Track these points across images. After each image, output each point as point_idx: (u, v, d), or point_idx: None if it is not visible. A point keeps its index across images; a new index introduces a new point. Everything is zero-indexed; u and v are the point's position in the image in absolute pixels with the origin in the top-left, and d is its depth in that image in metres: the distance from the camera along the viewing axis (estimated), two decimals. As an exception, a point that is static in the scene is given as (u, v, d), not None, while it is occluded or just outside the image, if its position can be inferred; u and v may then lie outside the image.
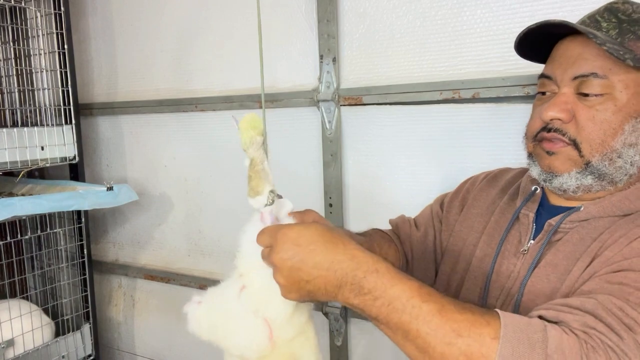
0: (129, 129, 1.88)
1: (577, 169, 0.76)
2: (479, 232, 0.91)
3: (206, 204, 1.76)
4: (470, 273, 0.88)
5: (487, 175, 1.01)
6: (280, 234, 0.65)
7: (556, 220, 0.79)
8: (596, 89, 0.73)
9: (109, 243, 2.03)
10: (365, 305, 0.62)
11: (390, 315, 0.60)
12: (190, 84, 1.71)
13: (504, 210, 0.89)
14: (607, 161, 0.75)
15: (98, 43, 1.89)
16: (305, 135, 1.50)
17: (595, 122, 0.74)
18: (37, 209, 1.40)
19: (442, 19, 1.26)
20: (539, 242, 0.80)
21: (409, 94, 1.32)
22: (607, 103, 0.73)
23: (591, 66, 0.74)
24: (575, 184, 0.77)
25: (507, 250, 0.84)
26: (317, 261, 0.63)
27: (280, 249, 0.64)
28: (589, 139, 0.75)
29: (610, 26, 0.76)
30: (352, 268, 0.62)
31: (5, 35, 1.82)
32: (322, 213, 1.49)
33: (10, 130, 1.50)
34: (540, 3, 1.14)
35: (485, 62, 1.22)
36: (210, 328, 0.71)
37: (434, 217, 1.02)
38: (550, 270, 0.75)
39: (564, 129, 0.76)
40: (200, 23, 1.65)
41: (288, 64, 1.50)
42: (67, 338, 1.70)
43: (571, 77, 0.76)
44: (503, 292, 0.81)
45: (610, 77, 0.73)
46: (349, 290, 0.62)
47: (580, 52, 0.75)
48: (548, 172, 0.79)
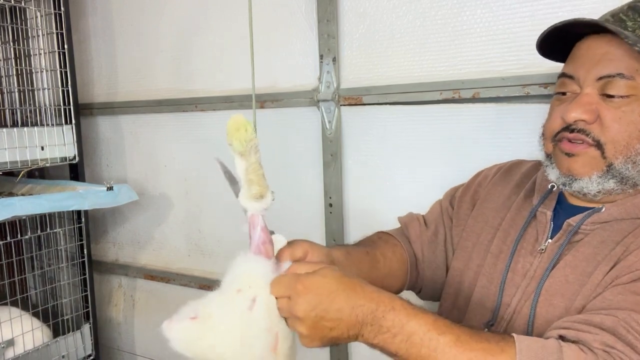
0: (129, 129, 1.88)
1: (599, 172, 0.74)
2: (494, 228, 0.89)
3: (206, 204, 1.76)
4: (485, 269, 0.86)
5: (500, 169, 0.98)
6: (300, 284, 0.66)
7: (576, 221, 0.77)
8: (622, 90, 0.72)
9: (109, 243, 2.03)
10: (385, 343, 0.65)
11: (409, 350, 0.63)
12: (190, 84, 1.71)
13: (520, 207, 0.88)
14: (630, 164, 0.73)
15: (98, 43, 1.89)
16: (305, 135, 1.50)
17: (622, 123, 0.72)
18: (37, 209, 1.40)
19: (442, 19, 1.26)
20: (558, 242, 0.78)
21: (409, 94, 1.32)
22: (633, 104, 0.72)
23: (617, 66, 0.72)
24: (597, 189, 0.75)
25: (523, 248, 0.82)
26: (339, 308, 0.64)
27: (303, 301, 0.65)
28: (614, 140, 0.73)
29: (637, 25, 0.73)
30: (372, 310, 0.65)
31: (5, 35, 1.82)
32: (322, 213, 1.49)
33: (10, 130, 1.49)
34: (540, 3, 1.14)
35: (485, 62, 1.22)
36: (205, 345, 0.69)
37: (443, 213, 1.01)
38: (569, 271, 0.74)
39: (587, 129, 0.74)
40: (200, 23, 1.65)
41: (288, 63, 1.50)
42: (67, 338, 1.70)
43: (595, 78, 0.74)
44: (519, 290, 0.80)
45: (637, 78, 0.71)
46: (370, 331, 0.65)
47: (606, 51, 0.73)
48: (567, 175, 0.77)
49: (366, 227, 1.04)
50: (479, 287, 0.86)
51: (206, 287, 1.75)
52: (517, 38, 1.17)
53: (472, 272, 0.89)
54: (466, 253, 0.92)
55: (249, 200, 0.70)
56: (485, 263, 0.87)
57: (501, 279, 0.82)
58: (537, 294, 0.76)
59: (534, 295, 0.76)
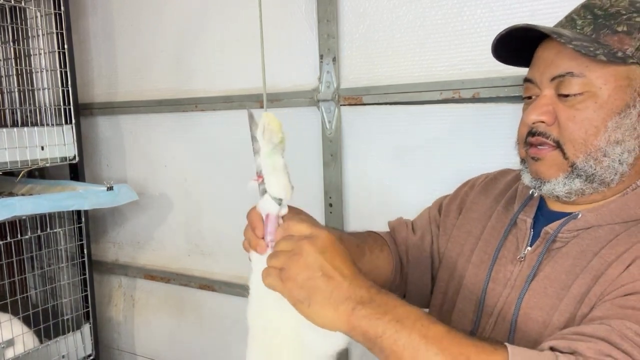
0: (128, 129, 1.88)
1: (564, 173, 0.75)
2: (476, 238, 0.89)
3: (206, 204, 1.76)
4: (467, 280, 0.86)
5: (486, 178, 0.99)
6: (323, 231, 0.65)
7: (553, 228, 0.77)
8: (575, 88, 0.72)
9: (109, 243, 2.03)
10: (371, 319, 0.60)
11: (399, 332, 0.59)
12: (190, 84, 1.71)
13: (500, 215, 0.88)
14: (592, 161, 0.73)
15: (98, 43, 1.89)
16: (305, 135, 1.50)
17: (576, 121, 0.72)
18: (37, 209, 1.40)
19: (442, 19, 1.26)
20: (536, 251, 0.78)
21: (409, 94, 1.32)
22: (588, 101, 0.72)
23: (567, 65, 0.72)
24: (565, 189, 0.75)
25: (503, 257, 0.82)
26: (341, 268, 0.63)
27: (320, 240, 0.63)
28: (571, 139, 0.73)
29: (585, 23, 0.74)
30: (368, 285, 0.63)
31: (5, 35, 1.82)
32: (322, 213, 1.49)
33: (10, 130, 1.50)
34: (540, 3, 1.14)
35: (485, 62, 1.22)
36: None
37: (431, 221, 1.01)
38: (547, 283, 0.74)
39: (547, 131, 0.75)
40: (200, 23, 1.65)
41: (288, 63, 1.50)
42: (67, 338, 1.70)
43: (549, 79, 0.75)
44: (500, 300, 0.79)
45: (587, 75, 0.71)
46: (358, 302, 0.61)
47: (557, 52, 0.74)
48: (536, 178, 0.78)
49: (366, 227, 1.04)
50: (461, 297, 0.86)
51: (206, 287, 1.75)
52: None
53: (456, 282, 0.89)
54: (451, 264, 0.92)
55: (271, 199, 0.69)
56: (466, 274, 0.87)
57: (482, 289, 0.82)
58: (517, 307, 0.75)
59: (514, 308, 0.76)
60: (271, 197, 0.69)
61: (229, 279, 1.70)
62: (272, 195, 0.69)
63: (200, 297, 1.80)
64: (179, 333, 1.88)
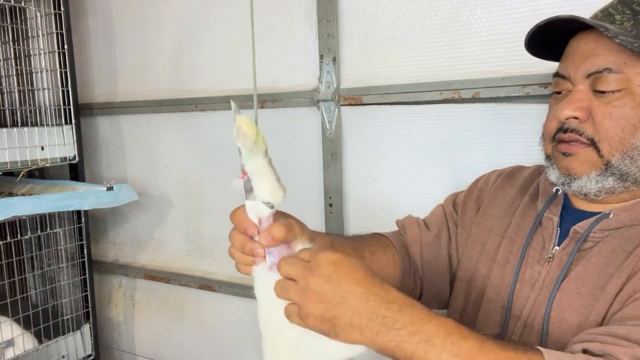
0: (128, 129, 1.88)
1: (597, 171, 0.72)
2: (500, 236, 0.86)
3: (206, 204, 1.76)
4: (492, 281, 0.83)
5: (502, 174, 0.96)
6: (321, 254, 0.63)
7: (583, 228, 0.75)
8: (612, 85, 0.70)
9: (109, 243, 2.03)
10: (400, 342, 0.58)
11: (428, 353, 0.57)
12: (190, 84, 1.71)
13: (525, 213, 0.85)
14: (627, 160, 0.71)
15: (98, 43, 1.89)
16: (305, 135, 1.50)
17: (613, 119, 0.70)
18: (37, 209, 1.40)
19: (442, 19, 1.26)
20: (565, 250, 0.76)
21: (409, 94, 1.32)
22: (625, 98, 0.70)
23: (604, 61, 0.70)
24: (596, 187, 0.73)
25: (530, 256, 0.80)
26: (351, 288, 0.60)
27: (321, 267, 0.61)
28: (607, 137, 0.71)
29: (625, 18, 0.72)
30: (387, 300, 0.60)
31: (5, 35, 1.82)
32: (322, 213, 1.49)
33: (10, 130, 1.50)
34: (540, 3, 1.14)
35: (485, 62, 1.22)
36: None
37: (448, 218, 0.97)
38: (580, 284, 0.72)
39: (580, 128, 0.73)
40: (200, 23, 1.65)
41: (288, 63, 1.50)
42: (67, 338, 1.70)
43: (585, 75, 0.72)
44: (528, 302, 0.77)
45: (625, 71, 0.69)
46: (381, 324, 0.58)
47: (593, 47, 0.72)
48: (566, 174, 0.75)
49: (366, 228, 1.03)
50: (487, 299, 0.83)
51: (206, 287, 1.75)
52: (517, 38, 1.16)
53: (480, 283, 0.86)
54: (472, 263, 0.89)
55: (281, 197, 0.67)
56: (491, 274, 0.84)
57: (509, 291, 0.80)
58: (548, 308, 0.73)
59: (545, 309, 0.73)
60: (262, 202, 0.68)
61: (229, 279, 1.70)
62: (261, 200, 0.68)
63: (200, 297, 1.79)
64: (179, 333, 1.88)
